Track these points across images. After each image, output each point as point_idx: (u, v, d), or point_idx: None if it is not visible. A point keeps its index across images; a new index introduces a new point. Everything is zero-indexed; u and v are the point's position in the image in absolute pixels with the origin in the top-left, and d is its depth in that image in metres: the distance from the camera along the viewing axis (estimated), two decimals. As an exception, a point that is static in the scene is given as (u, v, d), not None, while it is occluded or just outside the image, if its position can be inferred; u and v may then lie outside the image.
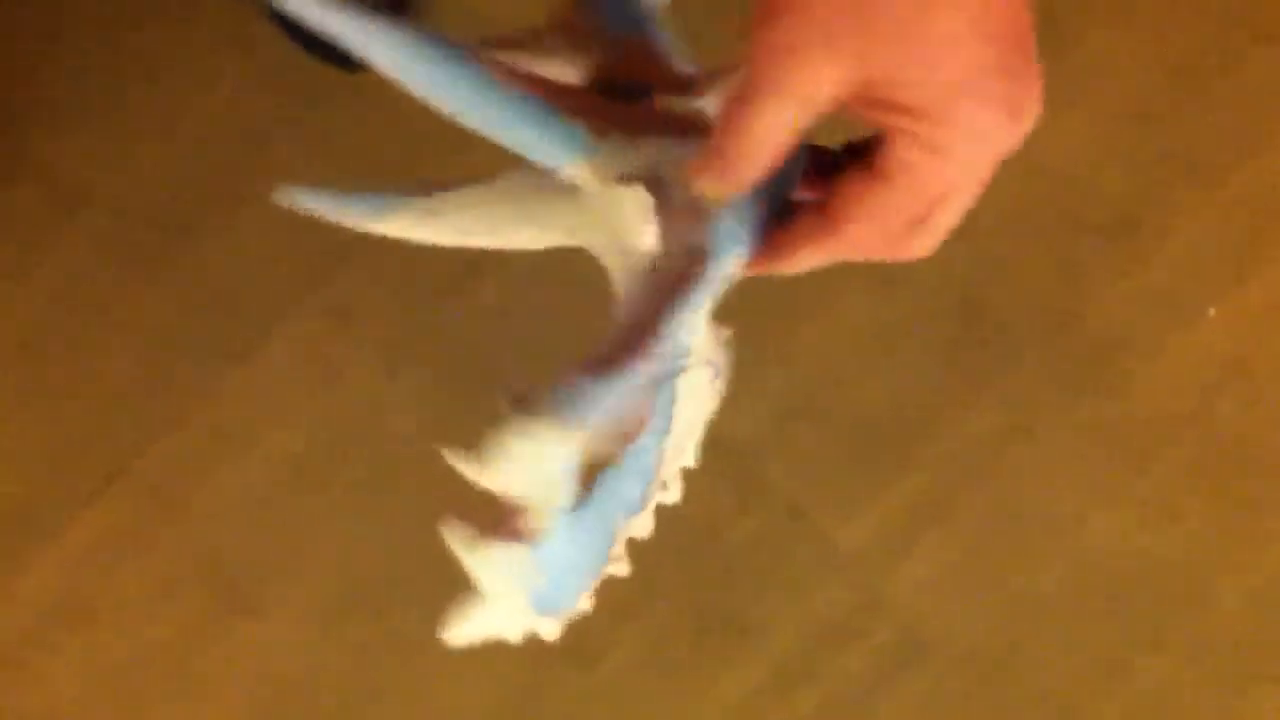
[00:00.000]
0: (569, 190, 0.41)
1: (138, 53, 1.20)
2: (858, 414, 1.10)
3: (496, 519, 0.41)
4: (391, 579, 1.14)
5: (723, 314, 0.43)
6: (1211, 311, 1.11)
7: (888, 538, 1.10)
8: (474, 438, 0.46)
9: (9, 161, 1.20)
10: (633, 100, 0.43)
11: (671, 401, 0.41)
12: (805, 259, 0.41)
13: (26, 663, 1.16)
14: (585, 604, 0.42)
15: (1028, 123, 0.36)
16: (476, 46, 0.41)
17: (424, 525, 1.18)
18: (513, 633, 0.42)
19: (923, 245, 0.39)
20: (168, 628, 1.15)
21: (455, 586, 0.43)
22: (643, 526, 0.43)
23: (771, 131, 0.37)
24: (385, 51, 0.40)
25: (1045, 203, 1.13)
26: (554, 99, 0.40)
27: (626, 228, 0.40)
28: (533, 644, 1.17)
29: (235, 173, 1.18)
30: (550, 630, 0.42)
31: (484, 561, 0.40)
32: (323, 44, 1.17)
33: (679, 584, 1.12)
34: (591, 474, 0.41)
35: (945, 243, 0.41)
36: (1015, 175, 1.11)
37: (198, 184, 1.19)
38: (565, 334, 1.02)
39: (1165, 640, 1.10)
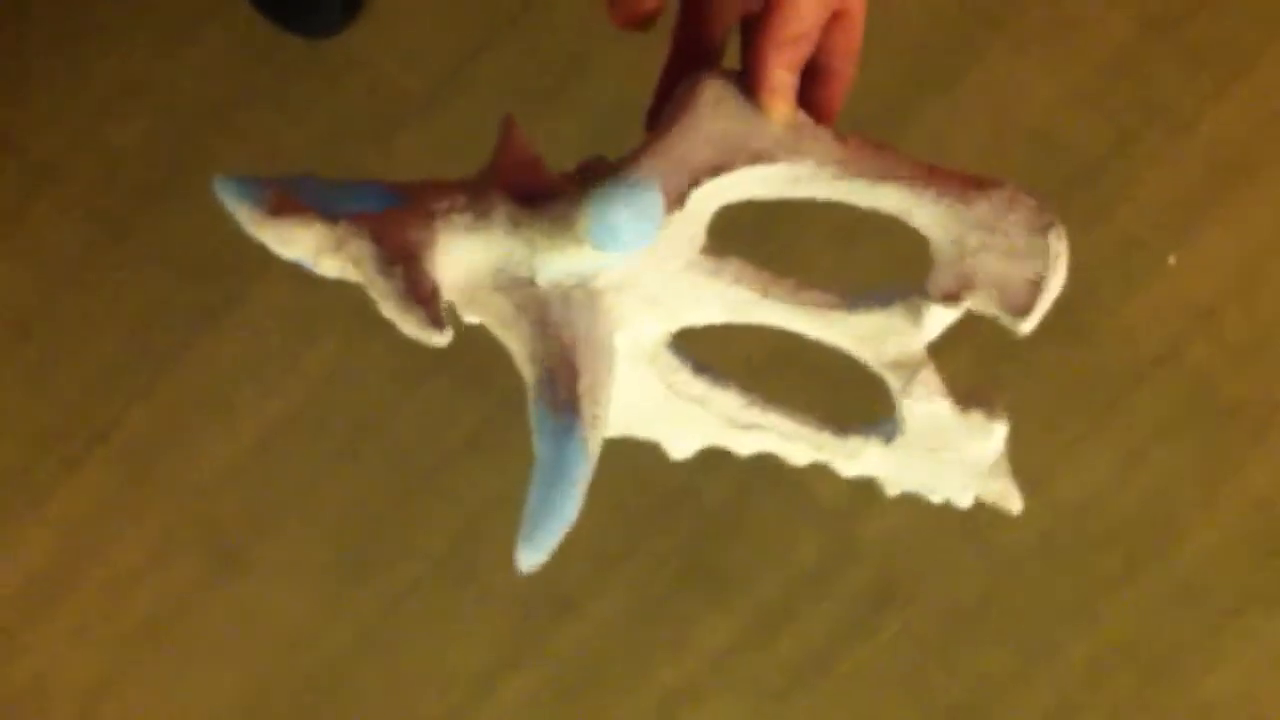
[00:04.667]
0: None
1: (103, 24, 1.19)
2: (828, 368, 1.11)
3: None
4: (380, 535, 1.15)
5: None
6: (1172, 259, 1.12)
7: (862, 488, 1.11)
8: (450, 392, 0.48)
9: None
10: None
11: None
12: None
13: (15, 632, 1.17)
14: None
15: None
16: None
17: (407, 480, 1.19)
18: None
19: None
20: (157, 593, 1.16)
21: (440, 539, 0.44)
22: None
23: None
24: None
25: (1009, 154, 1.13)
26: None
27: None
28: (518, 597, 1.18)
29: (203, 141, 1.18)
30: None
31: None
32: (287, 11, 1.17)
33: (659, 536, 1.13)
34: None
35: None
36: (980, 128, 1.12)
37: (165, 153, 1.18)
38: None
39: (1135, 584, 1.11)
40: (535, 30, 1.15)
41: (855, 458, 0.50)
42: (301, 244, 0.42)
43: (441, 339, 0.42)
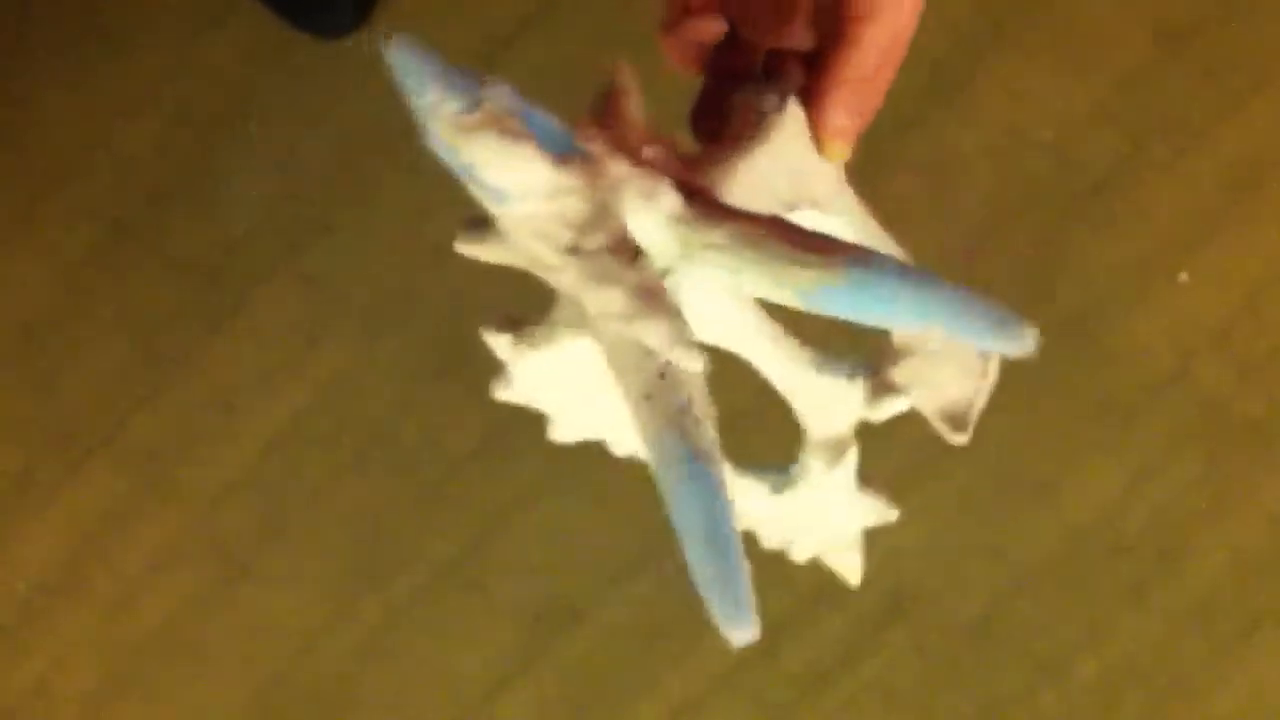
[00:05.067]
0: None
1: (113, 26, 1.19)
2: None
3: None
4: (387, 542, 1.15)
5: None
6: (1184, 276, 1.12)
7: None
8: (458, 398, 0.44)
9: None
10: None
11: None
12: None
13: (19, 636, 1.17)
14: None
15: None
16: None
17: (414, 487, 1.19)
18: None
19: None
20: (162, 598, 1.16)
21: (447, 547, 0.43)
22: None
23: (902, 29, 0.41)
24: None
25: (1019, 167, 1.13)
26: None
27: None
28: (526, 606, 1.18)
29: (212, 145, 1.18)
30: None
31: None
32: (298, 8, 1.17)
33: (668, 548, 1.13)
34: None
35: (929, 212, 0.42)
36: (990, 140, 1.12)
37: (174, 157, 1.18)
38: (545, 301, 1.02)
39: (1145, 601, 1.11)
40: (559, 31, 1.15)
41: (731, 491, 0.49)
42: (512, 176, 0.34)
43: (696, 362, 0.35)
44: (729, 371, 0.49)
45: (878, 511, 0.51)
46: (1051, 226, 1.12)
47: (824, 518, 0.50)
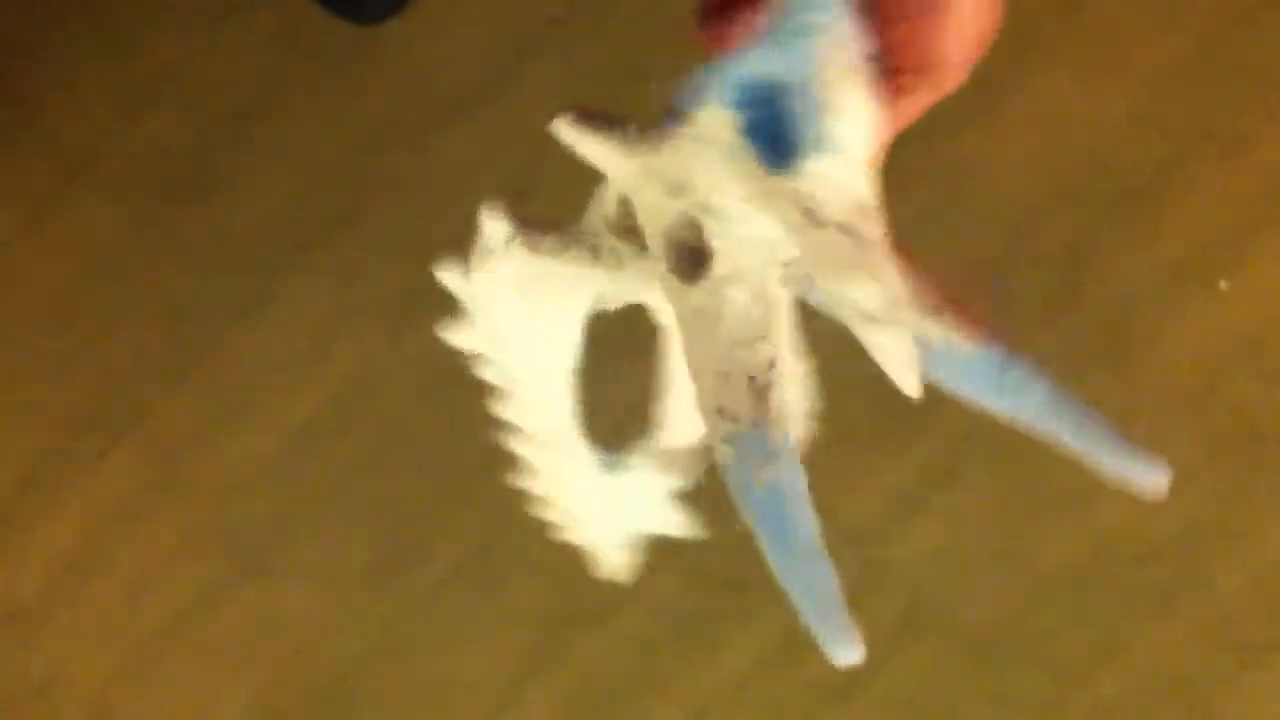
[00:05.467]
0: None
1: (140, 10, 1.20)
2: (863, 385, 1.10)
3: None
4: (404, 540, 1.15)
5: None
6: (1223, 284, 1.11)
7: (893, 509, 1.10)
8: (481, 395, 0.44)
9: (13, 127, 1.20)
10: None
11: None
12: None
13: (33, 623, 1.17)
14: None
15: None
16: None
17: (434, 485, 1.19)
18: None
19: None
20: (175, 592, 1.16)
21: (464, 546, 0.42)
22: None
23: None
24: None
25: (1053, 173, 1.12)
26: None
27: None
28: (542, 607, 1.17)
29: (237, 136, 1.18)
30: None
31: None
32: None
33: (687, 551, 1.12)
34: None
35: (956, 218, 0.42)
36: (1024, 146, 1.11)
37: (199, 147, 1.19)
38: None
39: (1169, 613, 1.10)
40: (586, 31, 1.15)
41: (558, 452, 0.48)
42: (852, 125, 0.33)
43: (914, 390, 0.36)
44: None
45: (678, 526, 0.50)
46: (1085, 233, 1.12)
47: (625, 510, 0.50)
